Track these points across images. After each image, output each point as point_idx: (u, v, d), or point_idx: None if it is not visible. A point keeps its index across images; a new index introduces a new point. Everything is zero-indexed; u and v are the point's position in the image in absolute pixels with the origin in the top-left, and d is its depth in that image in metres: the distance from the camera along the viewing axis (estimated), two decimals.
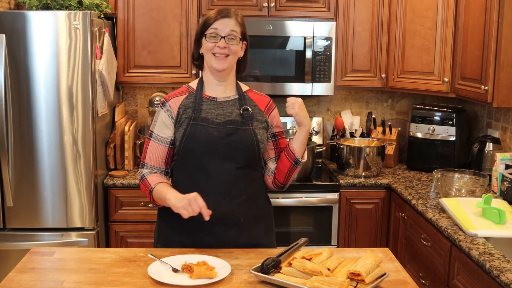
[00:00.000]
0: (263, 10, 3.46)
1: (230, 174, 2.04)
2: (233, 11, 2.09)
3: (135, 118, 3.86)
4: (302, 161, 2.13)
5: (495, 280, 1.96)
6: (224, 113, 2.08)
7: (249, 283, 1.76)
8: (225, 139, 2.03)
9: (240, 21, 2.08)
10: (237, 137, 2.04)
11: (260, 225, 2.14)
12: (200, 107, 2.08)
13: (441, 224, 2.49)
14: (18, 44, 2.88)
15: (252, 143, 2.06)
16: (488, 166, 3.19)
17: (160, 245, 2.14)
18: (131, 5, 3.41)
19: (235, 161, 2.04)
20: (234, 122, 2.07)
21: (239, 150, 2.04)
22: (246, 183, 2.08)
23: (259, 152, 2.08)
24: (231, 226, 2.06)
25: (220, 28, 2.04)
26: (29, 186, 2.98)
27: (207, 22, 2.06)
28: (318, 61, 3.45)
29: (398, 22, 3.48)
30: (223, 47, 2.03)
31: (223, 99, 2.12)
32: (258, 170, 2.13)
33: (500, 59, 2.75)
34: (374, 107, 3.96)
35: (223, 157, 2.03)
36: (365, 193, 3.32)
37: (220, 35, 2.03)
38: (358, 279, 1.68)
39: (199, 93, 2.11)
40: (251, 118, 2.09)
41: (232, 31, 2.04)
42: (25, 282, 1.76)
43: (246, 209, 2.08)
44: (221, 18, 2.05)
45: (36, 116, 2.93)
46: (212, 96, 2.12)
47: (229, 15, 2.06)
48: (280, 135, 2.20)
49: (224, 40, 2.03)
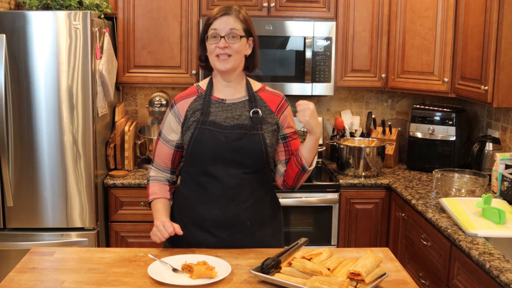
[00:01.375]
0: (263, 10, 3.46)
1: (237, 179, 2.02)
2: (234, 7, 2.03)
3: (135, 118, 3.86)
4: (310, 169, 2.07)
5: (495, 280, 1.96)
6: (233, 116, 2.04)
7: (249, 283, 1.76)
8: (232, 144, 2.00)
9: (242, 18, 2.02)
10: (245, 143, 2.00)
11: (267, 228, 2.12)
12: (208, 110, 2.04)
13: (441, 224, 2.49)
14: (18, 44, 2.88)
15: (260, 148, 2.01)
16: (488, 166, 3.19)
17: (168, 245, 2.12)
18: (131, 5, 3.41)
19: (242, 166, 2.02)
20: (243, 126, 2.02)
21: (246, 155, 2.01)
22: (253, 187, 2.05)
23: (267, 157, 2.04)
24: (237, 230, 2.05)
25: (220, 27, 1.99)
26: (29, 186, 2.98)
27: (208, 22, 2.03)
28: (318, 61, 3.45)
29: (398, 22, 3.48)
30: (224, 47, 1.98)
31: (232, 101, 2.07)
32: (267, 174, 2.09)
33: (500, 59, 2.75)
34: (374, 107, 3.96)
35: (230, 162, 2.01)
36: (365, 193, 3.32)
37: (220, 34, 1.99)
38: (358, 279, 1.68)
39: (208, 95, 2.07)
40: (261, 122, 2.04)
41: (232, 30, 1.99)
42: (25, 282, 1.76)
43: (253, 214, 2.06)
44: (220, 16, 2.00)
45: (36, 116, 2.93)
46: (221, 98, 2.08)
47: (229, 12, 2.00)
48: (291, 137, 2.13)
49: (224, 39, 1.98)
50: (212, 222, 2.04)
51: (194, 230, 2.07)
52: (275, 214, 2.18)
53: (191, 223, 2.07)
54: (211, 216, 2.03)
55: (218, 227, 2.03)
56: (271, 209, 2.16)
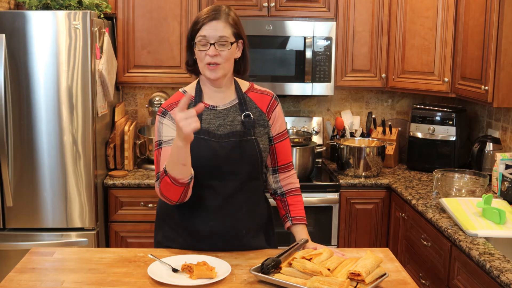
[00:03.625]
0: (263, 10, 3.46)
1: (232, 189, 1.99)
2: (223, 9, 1.93)
3: (135, 118, 3.86)
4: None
5: (495, 280, 1.96)
6: (225, 123, 2.00)
7: (249, 283, 1.76)
8: (229, 155, 1.96)
9: (232, 21, 1.93)
10: (240, 151, 1.97)
11: (262, 234, 2.11)
12: (200, 118, 1.97)
13: (441, 224, 2.48)
14: (18, 44, 2.88)
15: (255, 154, 1.99)
16: (488, 166, 3.19)
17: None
18: (131, 5, 3.41)
19: (238, 176, 1.99)
20: (236, 133, 1.98)
21: (242, 164, 1.99)
22: (247, 195, 2.03)
23: (261, 162, 2.03)
24: (232, 238, 2.02)
25: (209, 34, 1.89)
26: (29, 186, 2.98)
27: (195, 27, 1.92)
28: (318, 61, 3.45)
29: (398, 22, 3.48)
30: (214, 55, 1.89)
31: (223, 107, 2.03)
32: (259, 179, 2.07)
33: (500, 59, 2.75)
34: (374, 107, 3.96)
35: (227, 173, 1.98)
36: (365, 193, 3.32)
37: (209, 42, 1.89)
38: (358, 279, 1.68)
39: (198, 102, 2.00)
40: (253, 126, 2.01)
41: (222, 37, 1.90)
42: (25, 282, 1.76)
43: (248, 221, 2.04)
44: (209, 21, 1.90)
45: (36, 116, 2.93)
46: (212, 104, 2.02)
47: (218, 16, 1.90)
48: (277, 139, 2.09)
49: (214, 46, 1.89)
50: (206, 233, 2.01)
51: (188, 240, 2.03)
52: (269, 217, 2.17)
53: (186, 234, 2.04)
54: (207, 228, 2.00)
55: (212, 237, 2.01)
56: (265, 213, 2.14)
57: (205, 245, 2.02)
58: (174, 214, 2.06)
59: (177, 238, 2.05)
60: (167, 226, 2.09)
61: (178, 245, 2.05)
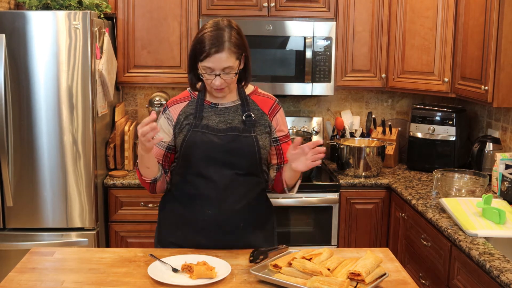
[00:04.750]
0: (263, 10, 3.46)
1: (230, 179, 2.02)
2: (226, 38, 1.93)
3: (135, 118, 3.86)
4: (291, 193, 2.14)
5: (495, 280, 1.96)
6: (225, 120, 2.05)
7: (249, 283, 1.76)
8: (225, 145, 2.01)
9: (234, 47, 1.94)
10: (238, 144, 2.01)
11: (260, 232, 2.13)
12: (201, 114, 2.05)
13: (441, 224, 2.49)
14: (18, 44, 2.88)
15: (253, 150, 2.02)
16: (488, 166, 3.19)
17: (159, 246, 2.14)
18: (131, 5, 3.41)
19: (235, 167, 2.02)
20: (236, 129, 2.03)
21: (239, 156, 2.02)
22: (246, 189, 2.06)
23: (260, 159, 2.05)
24: (230, 231, 2.05)
25: (214, 66, 1.94)
26: (29, 186, 2.98)
27: (199, 56, 1.95)
28: (318, 61, 3.45)
29: (398, 22, 3.48)
30: (220, 84, 1.97)
31: (224, 105, 2.08)
32: (260, 177, 2.10)
33: (500, 59, 2.75)
34: (374, 107, 3.96)
35: (222, 163, 2.01)
36: (365, 193, 3.32)
37: (215, 73, 1.96)
38: (358, 279, 1.68)
39: (200, 100, 2.08)
40: (254, 124, 2.05)
41: (226, 68, 1.95)
42: (25, 282, 1.76)
43: (246, 215, 2.06)
44: (213, 54, 1.92)
45: (36, 116, 2.93)
46: (214, 102, 2.09)
47: (221, 49, 1.92)
48: (282, 140, 2.15)
49: (219, 77, 1.96)
50: (204, 223, 2.03)
51: (185, 231, 2.07)
52: (268, 218, 2.19)
53: (183, 224, 2.07)
54: (204, 217, 2.03)
55: (210, 228, 2.03)
56: (264, 212, 2.16)
57: (203, 236, 2.04)
58: (175, 204, 2.10)
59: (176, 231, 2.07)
60: (168, 220, 2.11)
61: (177, 239, 2.07)
